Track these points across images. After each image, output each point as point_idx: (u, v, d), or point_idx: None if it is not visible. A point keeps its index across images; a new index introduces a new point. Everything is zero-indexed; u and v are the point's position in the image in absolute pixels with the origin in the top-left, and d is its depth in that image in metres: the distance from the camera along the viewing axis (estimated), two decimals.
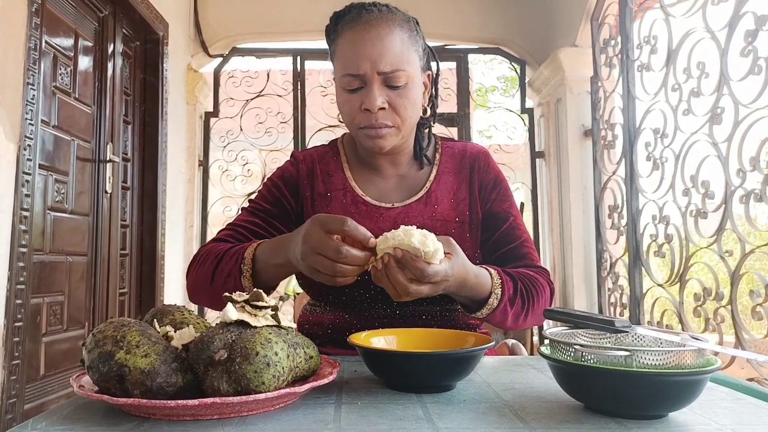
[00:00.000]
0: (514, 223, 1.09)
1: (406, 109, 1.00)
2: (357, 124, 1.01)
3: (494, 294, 0.93)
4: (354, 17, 1.00)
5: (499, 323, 1.00)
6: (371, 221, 1.05)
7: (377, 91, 0.97)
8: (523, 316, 0.99)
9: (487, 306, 0.94)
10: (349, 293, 1.03)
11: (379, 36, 0.97)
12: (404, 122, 1.01)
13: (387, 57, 0.96)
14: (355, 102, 0.99)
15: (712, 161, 2.14)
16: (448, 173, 1.12)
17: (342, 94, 1.01)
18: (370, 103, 0.97)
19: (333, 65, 1.05)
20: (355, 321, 1.04)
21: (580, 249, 3.34)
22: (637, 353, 0.59)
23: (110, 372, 0.60)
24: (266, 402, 0.61)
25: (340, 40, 1.00)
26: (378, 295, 1.02)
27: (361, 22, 0.98)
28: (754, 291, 1.90)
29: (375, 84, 0.97)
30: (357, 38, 0.97)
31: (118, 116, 2.88)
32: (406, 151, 1.10)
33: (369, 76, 0.97)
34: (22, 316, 2.02)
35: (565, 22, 3.50)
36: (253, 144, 3.83)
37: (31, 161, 2.07)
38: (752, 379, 1.94)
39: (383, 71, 0.96)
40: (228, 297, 0.69)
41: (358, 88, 0.99)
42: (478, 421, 0.60)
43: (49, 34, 2.27)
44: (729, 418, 0.62)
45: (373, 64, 0.96)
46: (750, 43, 1.97)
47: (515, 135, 3.99)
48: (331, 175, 1.11)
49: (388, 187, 1.11)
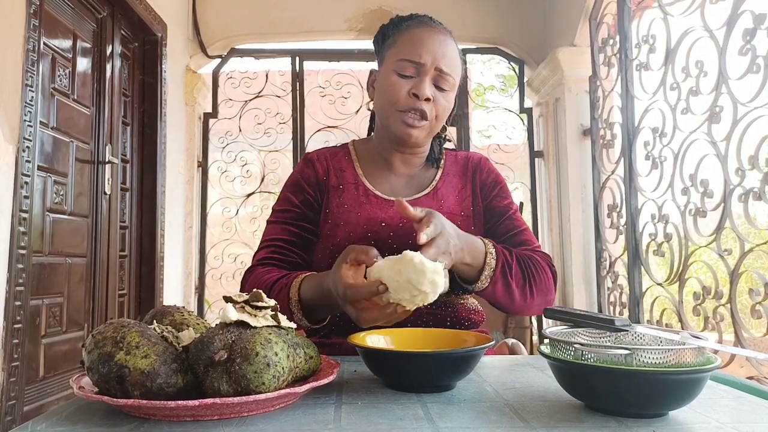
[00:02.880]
0: (513, 215, 1.15)
1: (444, 110, 1.08)
2: (398, 107, 1.07)
3: (489, 254, 0.97)
4: (423, 21, 1.11)
5: (508, 303, 1.00)
6: (381, 211, 1.09)
7: (429, 83, 1.05)
8: (529, 292, 1.01)
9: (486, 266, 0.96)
10: None
11: (444, 40, 1.08)
12: (438, 122, 1.09)
13: (447, 59, 1.06)
14: (404, 86, 1.06)
15: (711, 160, 2.14)
16: (453, 175, 1.18)
17: (391, 76, 1.07)
18: (421, 90, 1.04)
19: (383, 55, 1.13)
20: None
21: (579, 248, 3.34)
22: (637, 352, 0.59)
23: (110, 373, 0.60)
24: (266, 402, 0.61)
25: (405, 33, 1.09)
26: None
27: (429, 26, 1.10)
28: (753, 289, 1.90)
29: (428, 76, 1.06)
30: (425, 35, 1.07)
31: (117, 117, 2.87)
32: (420, 152, 1.17)
33: (427, 67, 1.05)
34: (22, 317, 2.01)
35: (564, 21, 3.50)
36: (252, 145, 3.83)
37: (30, 163, 2.07)
38: (752, 377, 1.94)
39: (440, 68, 1.05)
40: (227, 297, 0.69)
41: (410, 77, 1.06)
42: (479, 421, 0.60)
43: (47, 36, 2.27)
44: (729, 416, 0.62)
45: (434, 59, 1.05)
46: (748, 41, 1.97)
47: (514, 135, 3.99)
48: (342, 171, 1.16)
49: (398, 183, 1.16)
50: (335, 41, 3.90)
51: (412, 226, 0.93)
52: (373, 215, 1.08)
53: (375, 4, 3.71)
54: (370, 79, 1.17)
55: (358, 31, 3.77)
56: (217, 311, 3.87)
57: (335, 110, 3.78)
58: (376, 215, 1.08)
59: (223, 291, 3.59)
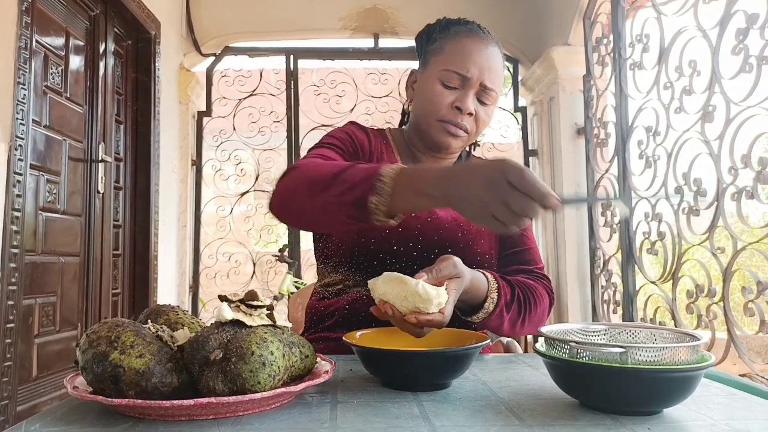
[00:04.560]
0: (523, 230, 1.14)
1: (484, 124, 1.09)
2: (440, 117, 1.07)
3: (490, 298, 0.96)
4: (472, 29, 1.10)
5: (496, 328, 1.02)
6: None
7: (473, 97, 1.06)
8: (520, 323, 1.01)
9: (483, 310, 0.96)
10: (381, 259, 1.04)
11: (493, 54, 1.07)
12: (477, 134, 1.11)
13: (493, 74, 1.06)
14: (447, 97, 1.06)
15: (704, 159, 2.15)
16: None
17: (435, 85, 1.07)
18: (464, 104, 1.05)
19: (427, 59, 1.11)
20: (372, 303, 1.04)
21: (573, 247, 3.35)
22: (631, 350, 0.60)
23: (104, 372, 0.60)
24: (262, 401, 0.61)
25: (453, 40, 1.08)
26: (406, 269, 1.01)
27: (479, 36, 1.08)
28: (746, 287, 1.91)
29: (472, 90, 1.06)
30: (474, 46, 1.06)
31: (110, 116, 2.86)
32: (451, 158, 1.17)
33: (473, 81, 1.05)
34: (14, 317, 2.00)
35: (558, 20, 3.51)
36: (246, 143, 3.82)
37: (23, 161, 2.05)
38: (745, 374, 1.95)
39: (485, 84, 1.05)
40: (222, 296, 0.69)
41: (454, 88, 1.06)
42: (474, 419, 0.60)
43: (39, 33, 2.25)
44: (722, 413, 0.63)
45: (480, 74, 1.05)
46: (741, 41, 1.98)
47: (508, 133, 4.00)
48: (382, 154, 1.16)
49: None
50: (330, 39, 3.89)
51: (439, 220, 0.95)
52: None
53: (369, 3, 3.70)
54: (410, 80, 1.17)
55: (353, 30, 3.77)
56: (212, 310, 3.86)
57: (330, 109, 3.78)
58: None
59: (218, 290, 3.58)
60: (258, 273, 3.80)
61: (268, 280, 3.79)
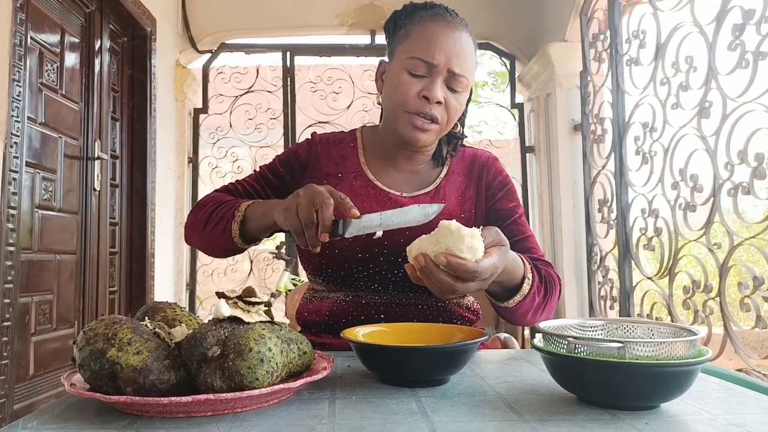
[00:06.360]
0: (518, 220, 1.11)
1: (456, 112, 1.03)
2: (407, 108, 1.02)
3: (527, 279, 0.94)
4: (438, 13, 1.03)
5: (522, 315, 0.98)
6: (379, 205, 1.07)
7: (441, 84, 1.00)
8: (541, 310, 1.00)
9: (520, 292, 0.94)
10: (348, 269, 1.04)
11: (460, 38, 1.01)
12: (448, 124, 1.05)
13: (461, 59, 1.00)
14: (414, 86, 1.01)
15: (701, 155, 2.16)
16: (458, 174, 1.14)
17: (401, 74, 1.02)
18: (432, 93, 0.99)
19: (393, 47, 1.07)
20: (351, 308, 1.05)
21: (570, 243, 3.36)
22: (629, 345, 0.60)
23: (102, 370, 0.60)
24: (260, 398, 0.61)
25: (418, 26, 1.03)
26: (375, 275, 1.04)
27: (445, 20, 1.02)
28: (742, 283, 1.92)
29: (440, 78, 1.00)
30: (439, 31, 1.00)
31: (106, 113, 2.85)
32: (426, 151, 1.12)
33: (440, 68, 0.99)
34: (11, 315, 1.99)
35: (555, 16, 3.51)
36: (242, 140, 3.81)
37: (18, 159, 2.04)
38: (741, 369, 1.96)
39: (453, 70, 1.00)
40: (220, 293, 0.68)
41: (421, 76, 1.00)
42: (473, 414, 0.60)
43: (34, 30, 2.24)
44: (720, 407, 0.63)
45: (447, 60, 0.99)
46: (737, 37, 1.98)
47: (505, 130, 4.00)
48: (345, 159, 1.13)
49: (400, 178, 1.12)
50: (326, 36, 3.88)
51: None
52: (369, 208, 1.05)
53: None
54: (379, 71, 1.11)
55: (350, 26, 3.76)
56: (209, 308, 3.85)
57: (326, 105, 3.77)
58: (372, 208, 1.05)
59: (215, 287, 3.58)
60: (255, 270, 3.80)
61: (266, 278, 3.78)
